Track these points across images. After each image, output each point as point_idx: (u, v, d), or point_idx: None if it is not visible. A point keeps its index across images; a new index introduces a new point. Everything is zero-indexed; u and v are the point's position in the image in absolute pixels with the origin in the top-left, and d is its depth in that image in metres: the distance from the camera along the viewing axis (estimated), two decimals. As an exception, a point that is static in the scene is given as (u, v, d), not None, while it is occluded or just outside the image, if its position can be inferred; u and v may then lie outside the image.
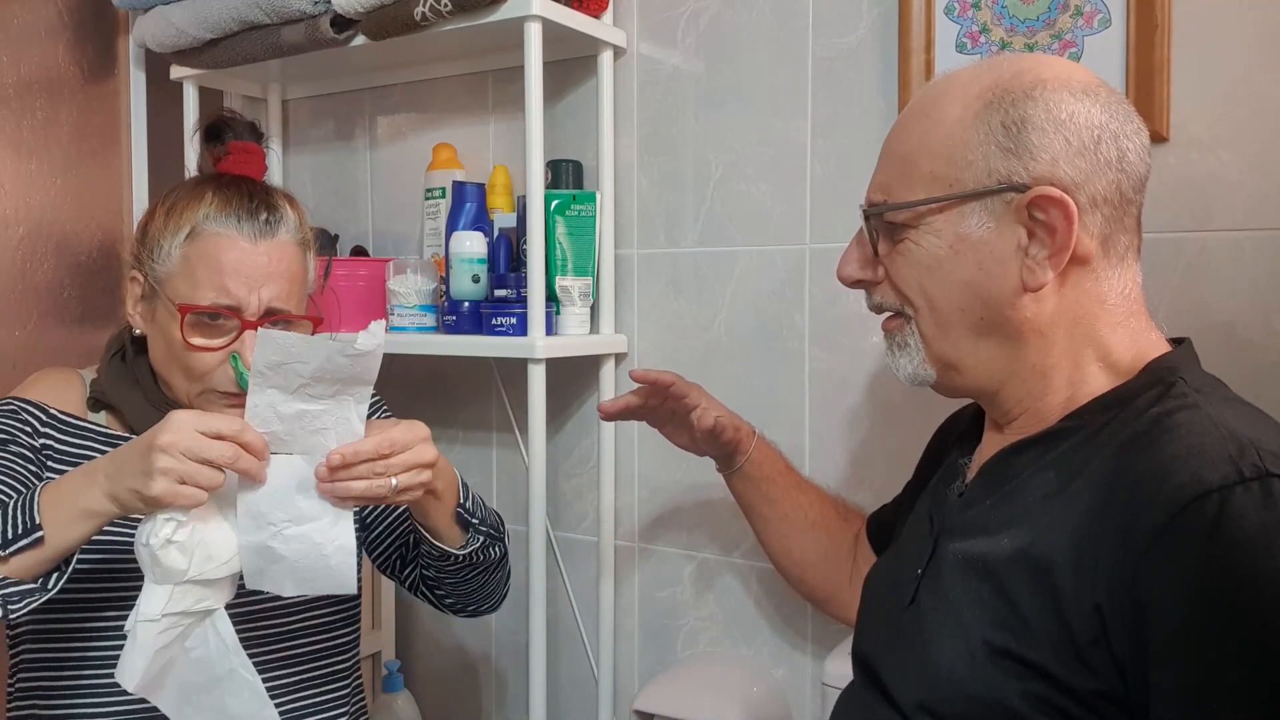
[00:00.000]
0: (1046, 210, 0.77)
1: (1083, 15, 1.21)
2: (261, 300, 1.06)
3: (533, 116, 1.40)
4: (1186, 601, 0.64)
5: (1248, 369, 1.14)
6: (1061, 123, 0.77)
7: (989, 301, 0.80)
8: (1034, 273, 0.78)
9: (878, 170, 0.86)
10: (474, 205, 1.58)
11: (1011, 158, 0.77)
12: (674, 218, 1.54)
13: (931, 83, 0.87)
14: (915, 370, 0.86)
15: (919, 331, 0.84)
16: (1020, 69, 0.80)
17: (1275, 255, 1.14)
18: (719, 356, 1.51)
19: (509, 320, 1.46)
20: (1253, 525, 0.63)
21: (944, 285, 0.81)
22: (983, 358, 0.82)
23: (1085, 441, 0.77)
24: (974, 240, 0.79)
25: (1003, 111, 0.78)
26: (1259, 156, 1.14)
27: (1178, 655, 0.64)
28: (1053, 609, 0.70)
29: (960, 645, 0.75)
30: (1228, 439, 0.68)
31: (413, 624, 1.86)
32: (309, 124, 1.94)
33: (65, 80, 1.70)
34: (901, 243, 0.83)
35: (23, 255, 1.63)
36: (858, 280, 0.88)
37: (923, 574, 0.84)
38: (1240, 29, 1.14)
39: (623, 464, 1.59)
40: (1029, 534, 0.74)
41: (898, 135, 0.85)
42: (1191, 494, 0.65)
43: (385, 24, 1.47)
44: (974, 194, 0.78)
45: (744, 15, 1.46)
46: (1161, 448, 0.70)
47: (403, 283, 1.57)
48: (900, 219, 0.82)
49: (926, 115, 0.82)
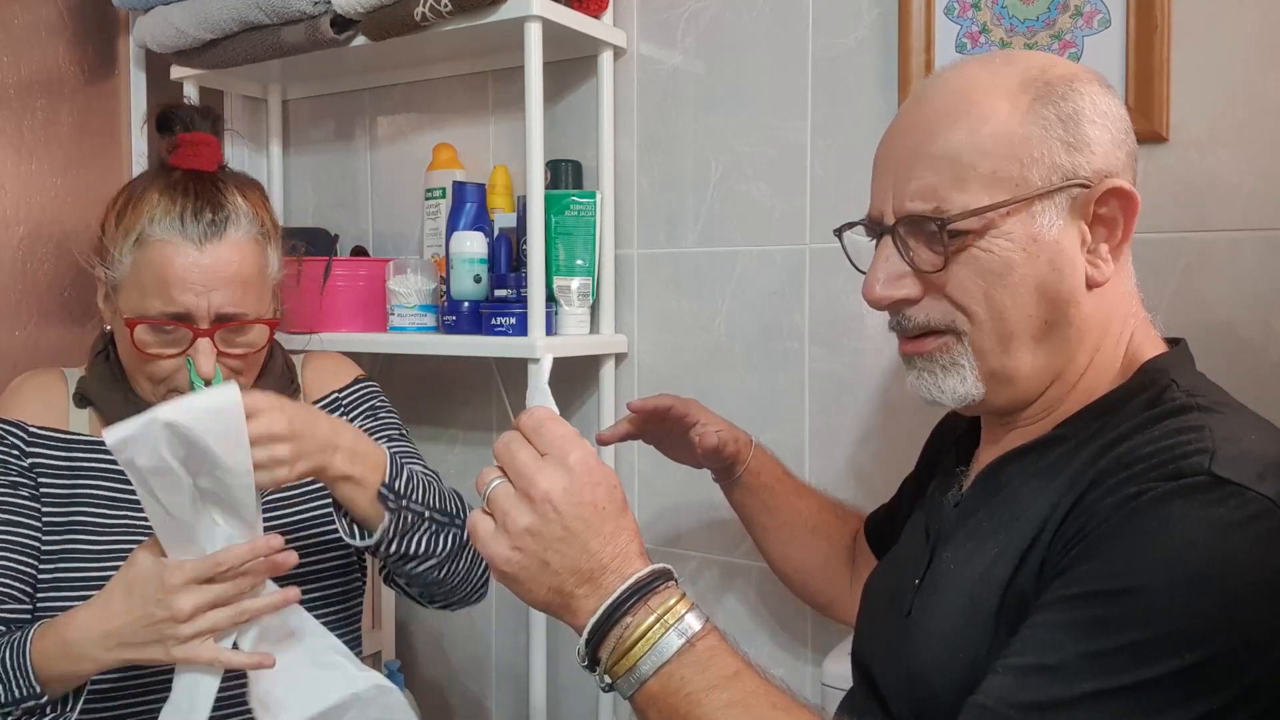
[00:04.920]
0: (1108, 203, 0.76)
1: (1083, 15, 1.21)
2: (211, 306, 1.04)
3: (533, 116, 1.40)
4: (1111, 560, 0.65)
5: (1248, 369, 1.14)
6: (1104, 114, 0.76)
7: (1057, 302, 0.76)
8: (1099, 268, 0.77)
9: (911, 177, 0.78)
10: (474, 205, 1.58)
11: (1074, 152, 0.75)
12: (674, 218, 1.54)
13: (942, 81, 0.80)
14: (967, 391, 0.79)
15: (973, 347, 0.78)
16: (1039, 64, 0.78)
17: (1275, 255, 1.14)
18: (719, 356, 1.51)
19: (509, 320, 1.46)
20: (1196, 521, 0.63)
21: (1014, 291, 0.76)
22: (1037, 365, 0.78)
23: (1076, 449, 0.76)
24: (1046, 240, 0.75)
25: (1055, 105, 0.75)
26: (1259, 156, 1.14)
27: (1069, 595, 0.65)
28: (1017, 589, 0.71)
29: (949, 658, 0.75)
30: (1206, 441, 0.67)
31: (413, 624, 1.86)
32: (309, 124, 1.94)
33: (65, 80, 1.70)
34: (964, 251, 0.76)
35: (23, 255, 1.63)
36: (899, 300, 0.80)
37: (920, 584, 0.83)
38: (1240, 29, 1.14)
39: (623, 464, 1.59)
40: (1011, 542, 0.74)
41: (929, 138, 0.77)
42: (1149, 481, 0.66)
43: (385, 24, 1.47)
44: (1044, 192, 0.75)
45: (744, 15, 1.46)
46: (1137, 446, 0.69)
47: (403, 283, 1.57)
48: (970, 226, 0.75)
49: (966, 114, 0.76)
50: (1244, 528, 0.62)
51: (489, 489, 0.71)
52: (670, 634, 0.67)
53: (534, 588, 0.70)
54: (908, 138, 0.79)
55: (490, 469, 0.72)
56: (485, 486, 0.71)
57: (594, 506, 0.69)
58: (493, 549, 0.70)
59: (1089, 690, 0.62)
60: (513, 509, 0.69)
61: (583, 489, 0.69)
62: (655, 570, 0.70)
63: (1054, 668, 0.63)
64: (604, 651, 0.68)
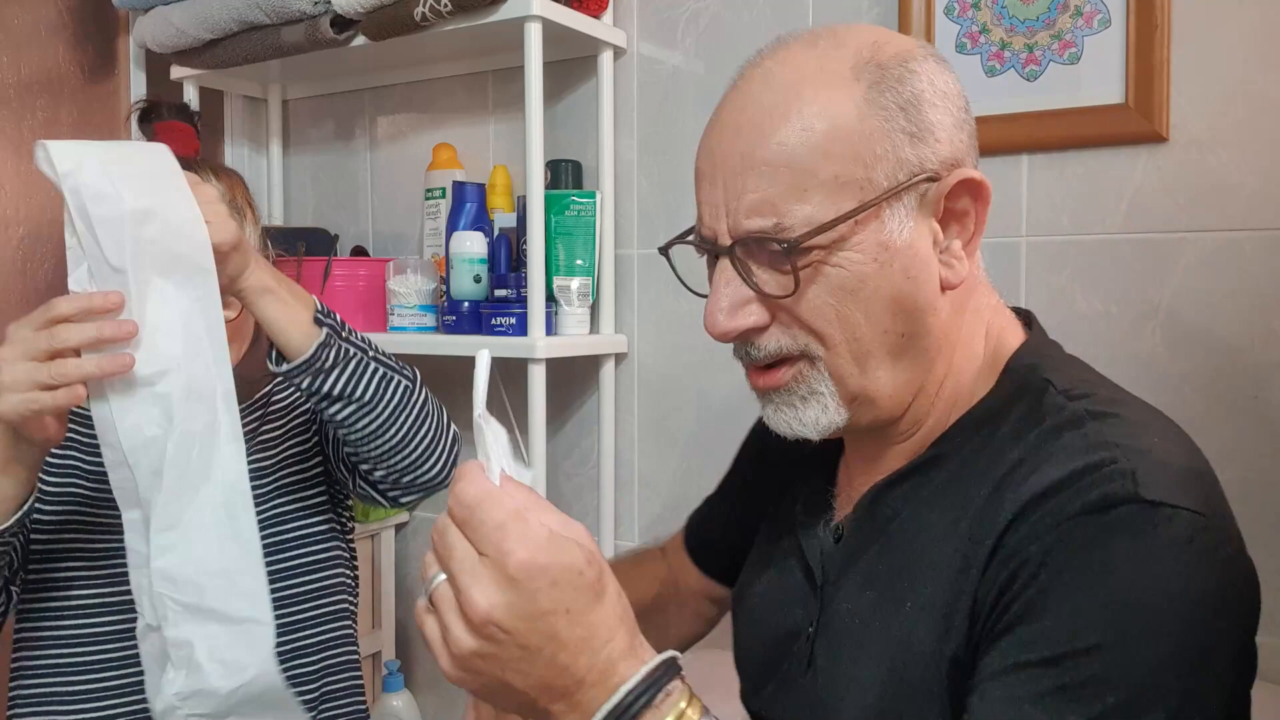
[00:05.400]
0: (960, 197, 0.69)
1: (1083, 15, 1.21)
2: None
3: (533, 116, 1.40)
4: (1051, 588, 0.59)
5: (1248, 369, 1.14)
6: (943, 94, 0.68)
7: (913, 313, 0.68)
8: (953, 268, 0.69)
9: (744, 189, 0.67)
10: (474, 205, 1.58)
11: (919, 143, 0.67)
12: (674, 218, 1.54)
13: (765, 71, 0.70)
14: (830, 420, 0.70)
15: (829, 372, 0.69)
16: (869, 41, 0.69)
17: (1275, 255, 1.13)
18: (719, 356, 1.51)
19: (509, 320, 1.46)
20: (1139, 558, 0.58)
21: (868, 307, 0.67)
22: (898, 381, 0.70)
23: (961, 470, 0.69)
24: (898, 246, 0.67)
25: (893, 90, 0.67)
26: (1259, 156, 1.14)
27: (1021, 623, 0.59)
28: (951, 657, 0.65)
29: (866, 709, 0.69)
30: (1121, 460, 0.61)
31: (413, 624, 1.86)
32: (309, 124, 1.94)
33: (65, 80, 1.70)
34: (809, 268, 0.67)
35: (23, 255, 1.63)
36: (747, 330, 0.71)
37: (815, 633, 0.74)
38: (1240, 29, 1.14)
39: (623, 464, 1.59)
40: (926, 600, 0.66)
41: (758, 141, 0.67)
42: (1076, 517, 0.60)
43: (385, 24, 1.47)
44: (890, 192, 0.66)
45: (744, 15, 1.46)
46: (1044, 474, 0.62)
47: (403, 283, 1.57)
48: (819, 241, 0.66)
49: (798, 110, 0.66)
50: (1184, 551, 0.58)
51: (431, 586, 0.57)
52: None
53: (498, 702, 0.59)
54: (735, 141, 0.68)
55: (430, 554, 0.58)
56: (427, 580, 0.57)
57: (555, 614, 0.55)
58: (441, 663, 0.57)
59: None
60: (454, 626, 0.55)
61: (535, 598, 0.54)
62: (649, 674, 0.57)
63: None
64: None
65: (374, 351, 1.03)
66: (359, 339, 1.03)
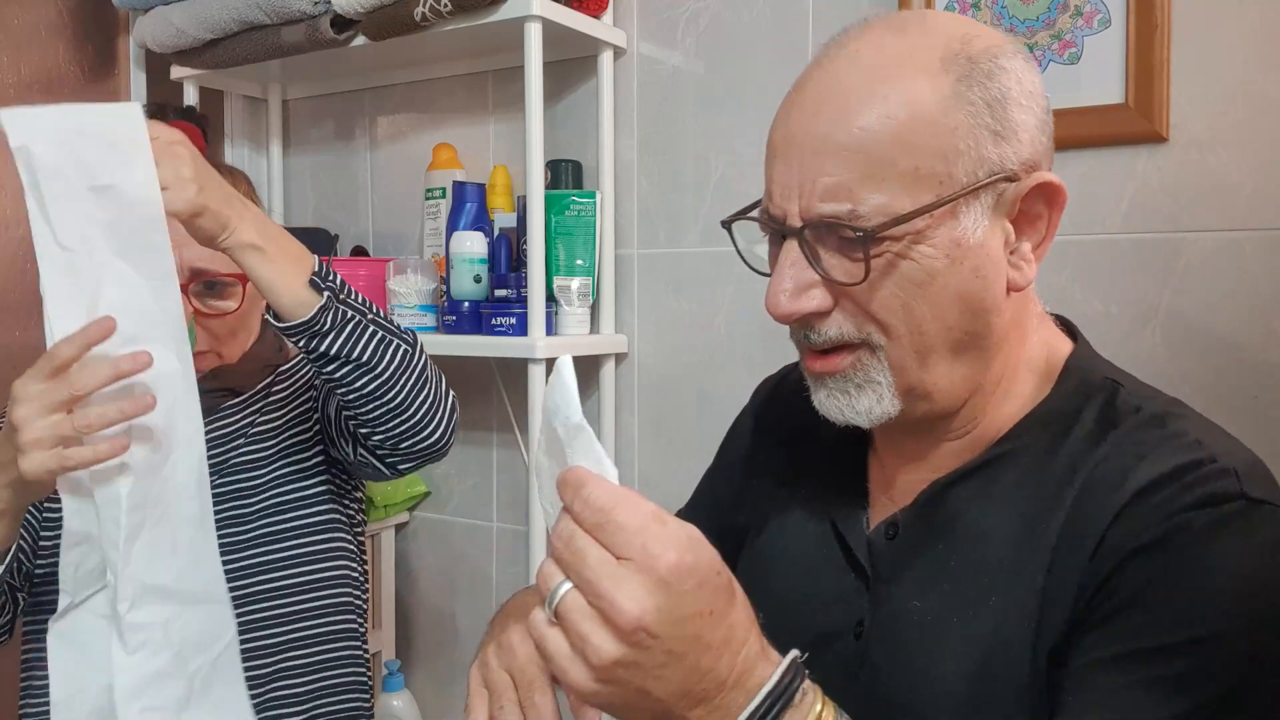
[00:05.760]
0: (1035, 200, 0.68)
1: (1083, 15, 1.21)
2: (184, 260, 1.05)
3: (533, 116, 1.40)
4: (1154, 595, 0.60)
5: (1248, 369, 1.14)
6: (1029, 94, 0.67)
7: (979, 312, 0.68)
8: (1022, 271, 0.69)
9: (820, 171, 0.67)
10: (474, 205, 1.58)
11: (1002, 142, 0.66)
12: (674, 218, 1.54)
13: (850, 53, 0.69)
14: (884, 410, 0.70)
15: (889, 362, 0.69)
16: (959, 32, 0.68)
17: (1275, 255, 1.14)
18: (719, 356, 1.51)
19: (509, 320, 1.46)
20: (1248, 552, 0.60)
21: (935, 302, 0.67)
22: (956, 379, 0.70)
23: (1035, 468, 0.69)
24: (970, 244, 0.66)
25: (980, 86, 0.65)
26: (1259, 156, 1.14)
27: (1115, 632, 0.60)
28: (1047, 649, 0.65)
29: (955, 702, 0.68)
30: (1220, 459, 0.63)
31: (413, 624, 1.86)
32: (309, 124, 1.94)
33: (65, 80, 1.70)
34: (880, 258, 0.66)
35: (23, 255, 1.63)
36: (809, 314, 0.69)
37: (866, 631, 0.72)
38: (1240, 29, 1.14)
39: (623, 464, 1.59)
40: (1016, 594, 0.66)
41: (838, 123, 0.66)
42: (1182, 512, 0.61)
43: (385, 24, 1.47)
44: (969, 190, 0.65)
45: (744, 15, 1.46)
46: (1140, 471, 0.63)
47: (403, 283, 1.57)
48: (894, 232, 0.66)
49: (882, 96, 0.65)
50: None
51: (557, 598, 0.54)
52: None
53: (632, 714, 0.56)
54: (814, 122, 0.67)
55: (552, 564, 0.56)
56: (551, 592, 0.55)
57: (700, 617, 0.53)
58: (572, 678, 0.54)
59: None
60: (593, 635, 0.53)
61: (684, 600, 0.52)
62: (786, 672, 0.57)
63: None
64: None
65: (373, 314, 1.03)
66: (359, 301, 1.02)
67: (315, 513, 1.16)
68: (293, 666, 1.12)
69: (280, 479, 1.15)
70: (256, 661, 1.09)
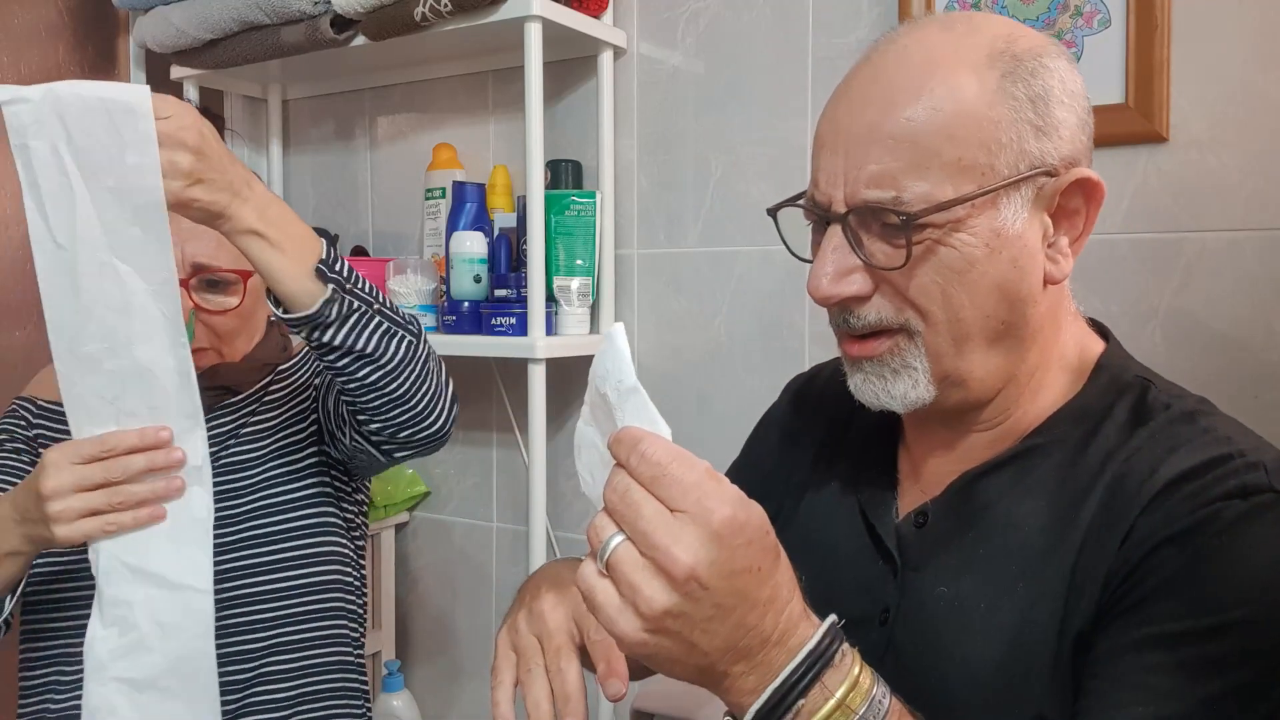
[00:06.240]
0: (1074, 195, 0.70)
1: (1083, 15, 1.21)
2: (185, 255, 1.05)
3: (533, 116, 1.40)
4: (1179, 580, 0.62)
5: (1248, 369, 1.14)
6: (1072, 94, 0.70)
7: (1015, 303, 0.70)
8: (1059, 264, 0.71)
9: (866, 159, 0.69)
10: (474, 205, 1.58)
11: (1043, 138, 0.68)
12: (674, 218, 1.54)
13: (899, 49, 0.72)
14: (919, 395, 0.72)
15: (926, 348, 0.71)
16: (1004, 32, 0.71)
17: (1275, 255, 1.14)
18: (719, 356, 1.51)
19: (509, 320, 1.46)
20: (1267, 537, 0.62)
21: (973, 290, 0.69)
22: (990, 368, 0.72)
23: (1068, 461, 0.70)
24: (1009, 235, 0.68)
25: (1024, 83, 0.68)
26: (1259, 156, 1.14)
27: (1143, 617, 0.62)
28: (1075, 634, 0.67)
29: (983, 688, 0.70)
30: (1250, 453, 0.65)
31: (413, 624, 1.86)
32: (309, 124, 1.94)
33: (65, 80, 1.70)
34: (922, 245, 0.68)
35: (23, 255, 1.63)
36: (849, 297, 0.72)
37: (891, 615, 0.74)
38: (1240, 29, 1.14)
39: (623, 464, 1.59)
40: (1045, 580, 0.68)
41: (886, 115, 0.69)
42: (1213, 502, 0.63)
43: (385, 24, 1.47)
44: (1010, 182, 0.68)
45: (744, 15, 1.46)
46: (1172, 463, 0.65)
47: (403, 283, 1.57)
48: (936, 220, 0.68)
49: (929, 89, 0.68)
50: None
51: (609, 550, 0.56)
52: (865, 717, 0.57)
53: (674, 668, 0.58)
54: (863, 112, 0.70)
55: (604, 517, 0.57)
56: (603, 545, 0.56)
57: (748, 573, 0.55)
58: (621, 627, 0.56)
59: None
60: (645, 585, 0.55)
61: (735, 555, 0.54)
62: (827, 633, 0.58)
63: (1177, 717, 0.60)
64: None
65: (379, 303, 1.01)
66: (366, 289, 1.00)
67: (305, 515, 1.15)
68: (275, 671, 1.11)
69: (271, 480, 1.14)
70: (239, 665, 1.08)
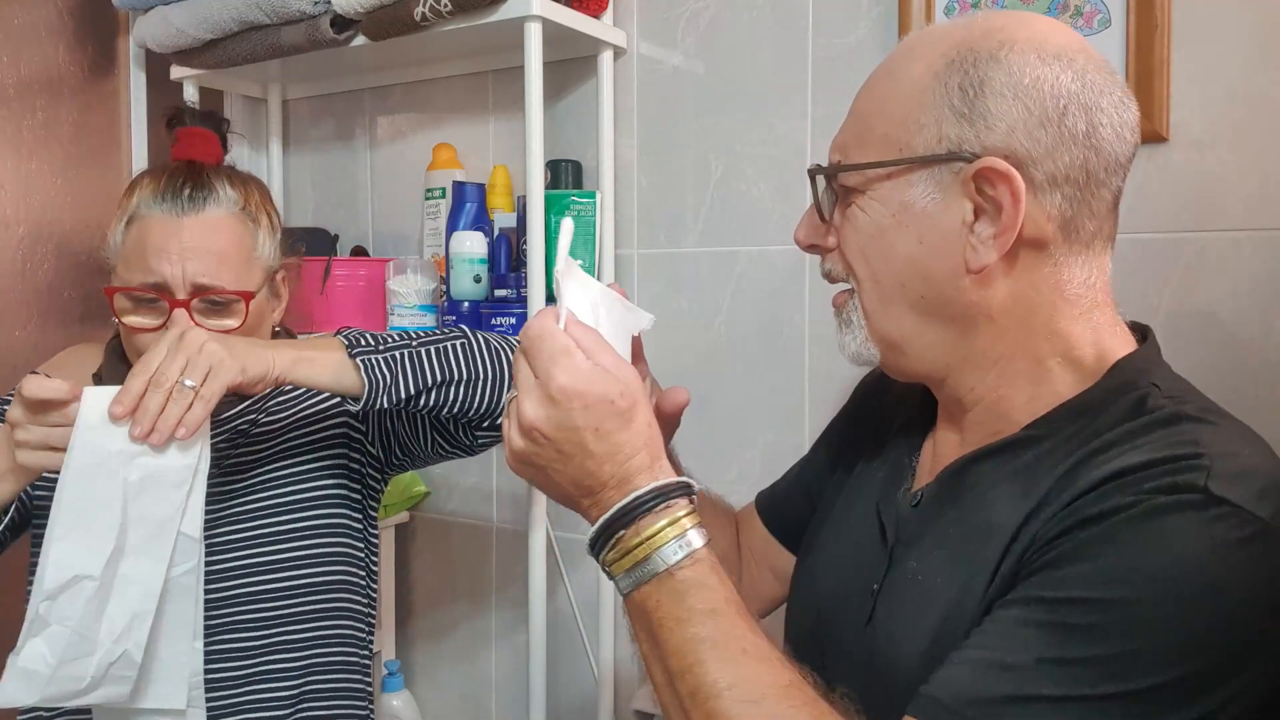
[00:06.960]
0: (995, 185, 0.69)
1: (1083, 15, 1.21)
2: (187, 275, 1.06)
3: (533, 116, 1.40)
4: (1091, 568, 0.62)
5: (1248, 369, 1.14)
6: (1024, 89, 0.69)
7: (930, 279, 0.73)
8: (977, 252, 0.71)
9: (841, 129, 0.79)
10: (474, 205, 1.58)
11: (964, 124, 0.70)
12: (674, 218, 1.54)
13: (910, 37, 0.79)
14: (859, 348, 0.79)
15: (861, 306, 0.78)
16: (993, 26, 0.72)
17: (1275, 255, 1.14)
18: (719, 356, 1.51)
19: (509, 320, 1.46)
20: (1192, 537, 0.61)
21: (885, 257, 0.75)
22: (927, 340, 0.76)
23: (1051, 451, 0.72)
24: (916, 211, 0.72)
25: (962, 72, 0.70)
26: (1259, 156, 1.14)
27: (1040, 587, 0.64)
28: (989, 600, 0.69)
29: (920, 656, 0.72)
30: (1203, 458, 0.64)
31: (413, 624, 1.86)
32: (309, 124, 1.94)
33: (65, 80, 1.70)
34: (849, 208, 0.76)
35: (23, 255, 1.63)
36: (811, 245, 0.82)
37: (879, 590, 0.78)
38: (1240, 29, 1.14)
39: (623, 464, 1.59)
40: (985, 556, 0.70)
41: (864, 93, 0.78)
42: (1143, 493, 0.63)
43: (385, 24, 1.47)
44: (921, 160, 0.71)
45: (744, 15, 1.46)
46: (1128, 456, 0.66)
47: (403, 283, 1.57)
48: (850, 182, 0.76)
49: (891, 73, 0.75)
50: (1239, 548, 0.61)
51: (507, 398, 0.73)
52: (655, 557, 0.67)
53: (549, 492, 0.73)
54: (861, 89, 0.80)
55: None
56: (508, 395, 0.74)
57: (585, 430, 0.68)
58: (505, 455, 0.73)
59: (1046, 694, 0.60)
60: (509, 430, 0.71)
61: (571, 415, 0.68)
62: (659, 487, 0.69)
63: (1014, 668, 0.61)
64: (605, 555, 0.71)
65: (416, 340, 1.08)
66: (395, 340, 1.07)
67: (313, 516, 1.16)
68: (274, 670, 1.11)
69: (277, 481, 1.15)
70: (238, 662, 1.08)
